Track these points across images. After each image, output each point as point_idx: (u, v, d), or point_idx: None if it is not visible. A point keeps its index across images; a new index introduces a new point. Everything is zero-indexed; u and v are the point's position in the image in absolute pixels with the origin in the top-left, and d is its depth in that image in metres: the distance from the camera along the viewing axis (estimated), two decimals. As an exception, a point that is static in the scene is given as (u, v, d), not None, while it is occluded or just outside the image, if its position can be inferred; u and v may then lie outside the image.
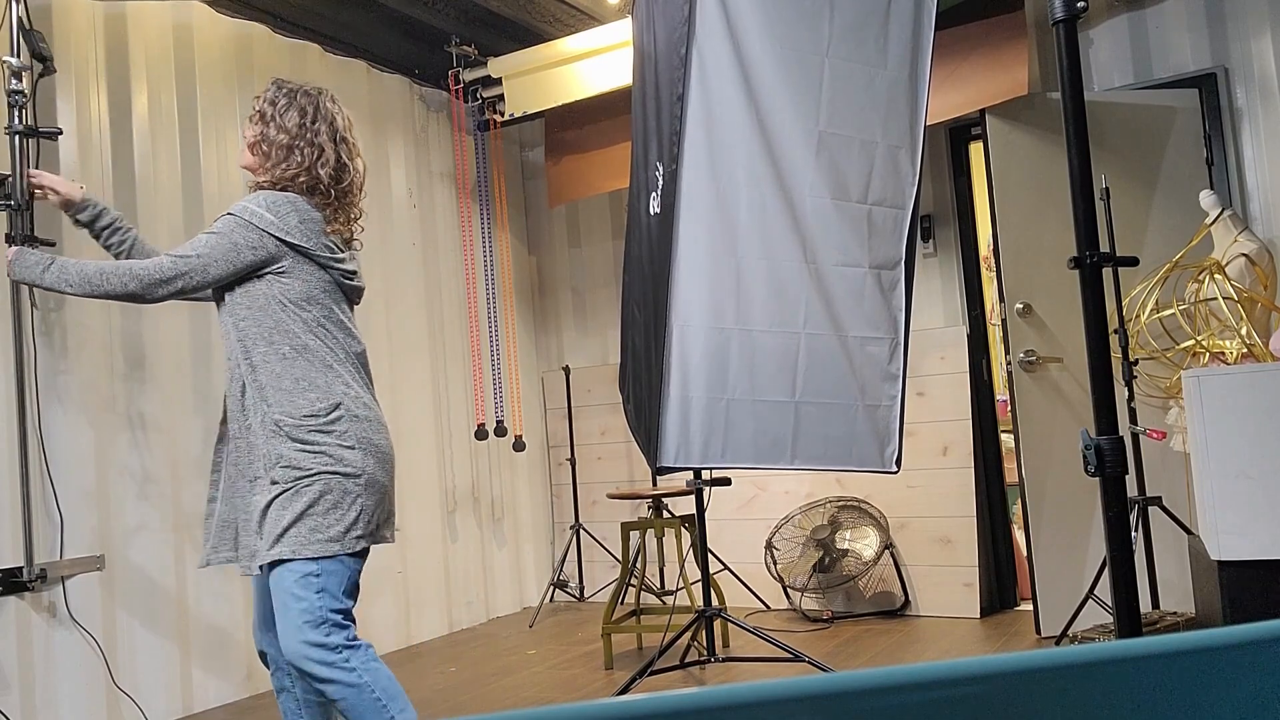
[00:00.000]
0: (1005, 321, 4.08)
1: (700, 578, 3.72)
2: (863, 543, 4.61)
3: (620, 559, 4.35)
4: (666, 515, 4.21)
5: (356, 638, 2.25)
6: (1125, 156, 4.08)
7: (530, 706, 0.59)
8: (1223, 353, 3.35)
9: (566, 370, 5.57)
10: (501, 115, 5.34)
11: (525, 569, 5.63)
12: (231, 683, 3.91)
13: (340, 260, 2.38)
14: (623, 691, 3.48)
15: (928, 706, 0.64)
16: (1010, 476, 4.72)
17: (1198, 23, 4.24)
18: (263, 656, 2.47)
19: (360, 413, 2.31)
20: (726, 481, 3.93)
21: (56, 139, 2.68)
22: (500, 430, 5.28)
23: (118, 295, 2.27)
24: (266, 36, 4.39)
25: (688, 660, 3.75)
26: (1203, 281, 3.46)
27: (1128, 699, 0.69)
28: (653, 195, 3.34)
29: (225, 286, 2.31)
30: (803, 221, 3.32)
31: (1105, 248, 1.88)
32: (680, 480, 3.79)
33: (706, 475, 3.66)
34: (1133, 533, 3.19)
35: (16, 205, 2.52)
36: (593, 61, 4.85)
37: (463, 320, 5.32)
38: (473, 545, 5.24)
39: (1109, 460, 1.66)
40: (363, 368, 2.41)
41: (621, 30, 4.53)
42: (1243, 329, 3.30)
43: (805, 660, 3.48)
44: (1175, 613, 3.59)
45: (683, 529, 4.14)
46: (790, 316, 3.32)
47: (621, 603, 4.16)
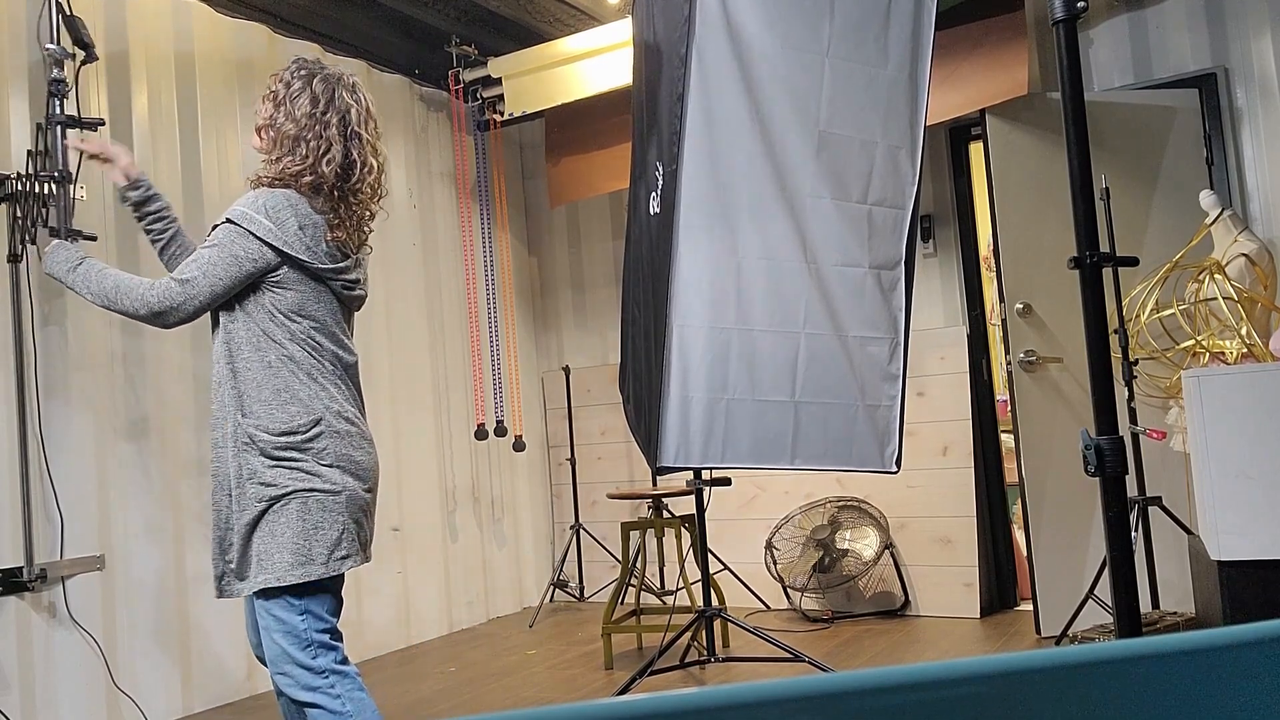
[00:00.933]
0: (1005, 321, 4.08)
1: (700, 578, 3.72)
2: (863, 543, 4.61)
3: (620, 559, 4.35)
4: (666, 515, 4.21)
5: (346, 660, 2.20)
6: (1125, 156, 4.08)
7: (530, 706, 0.59)
8: (1223, 353, 3.35)
9: (566, 370, 5.57)
10: (501, 115, 5.34)
11: (525, 569, 5.63)
12: (231, 683, 3.91)
13: (342, 270, 2.26)
14: (623, 691, 3.48)
15: (928, 706, 0.64)
16: (1010, 476, 4.72)
17: (1198, 23, 4.24)
18: (260, 658, 2.46)
19: (341, 428, 2.21)
20: (726, 481, 3.93)
21: (97, 130, 2.62)
22: (500, 430, 5.28)
23: (130, 316, 2.19)
24: (266, 36, 4.39)
25: (688, 660, 3.75)
26: (1203, 281, 3.46)
27: (1128, 699, 0.69)
28: (653, 195, 3.34)
29: None
30: (803, 221, 3.32)
31: (1105, 248, 1.88)
32: (680, 480, 3.79)
33: (706, 475, 3.66)
34: (1133, 533, 3.19)
35: (61, 176, 2.44)
36: (593, 61, 4.85)
37: (463, 320, 5.32)
38: (473, 545, 5.24)
39: (1109, 460, 1.66)
40: (352, 380, 2.31)
41: (621, 30, 4.53)
42: (1243, 329, 3.30)
43: (805, 660, 3.48)
44: (1175, 613, 3.59)
45: (683, 529, 4.14)
46: (790, 316, 3.32)
47: (621, 603, 4.16)
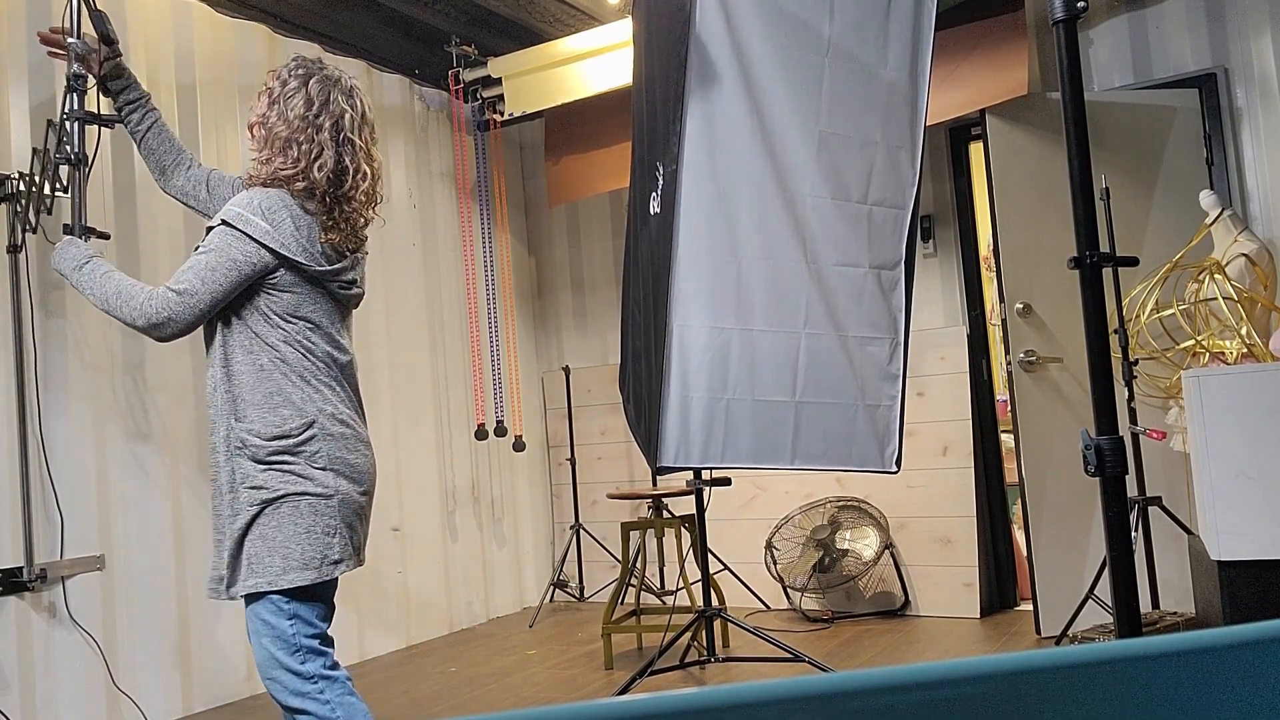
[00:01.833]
0: (1005, 321, 4.08)
1: (700, 578, 3.72)
2: (863, 543, 4.61)
3: (620, 559, 4.35)
4: (666, 515, 4.21)
5: (336, 665, 2.19)
6: (1125, 156, 4.08)
7: (530, 706, 0.59)
8: (1223, 353, 3.35)
9: (566, 370, 5.57)
10: (501, 115, 5.34)
11: (525, 569, 5.63)
12: (231, 683, 3.91)
13: (339, 271, 2.23)
14: (623, 691, 3.48)
15: (928, 706, 0.64)
16: (1010, 476, 4.72)
17: (1198, 23, 4.24)
18: None
19: (335, 430, 2.18)
20: (726, 481, 3.93)
21: (114, 127, 2.61)
22: (500, 430, 5.28)
23: (127, 324, 2.13)
24: (266, 36, 4.39)
25: (688, 660, 3.75)
26: (1203, 281, 3.46)
27: (1128, 699, 0.69)
28: (653, 195, 3.34)
29: None
30: (803, 221, 3.32)
31: (1105, 248, 1.88)
32: (680, 480, 3.79)
33: (706, 475, 3.66)
34: (1133, 533, 3.19)
35: (76, 160, 2.44)
36: (593, 61, 4.85)
37: (463, 320, 5.32)
38: (473, 545, 5.24)
39: (1109, 460, 1.66)
40: (349, 381, 2.28)
41: (621, 30, 4.53)
42: (1243, 329, 3.30)
43: (805, 660, 3.48)
44: (1175, 613, 3.59)
45: (683, 529, 4.14)
46: (790, 316, 3.32)
47: (621, 603, 4.16)
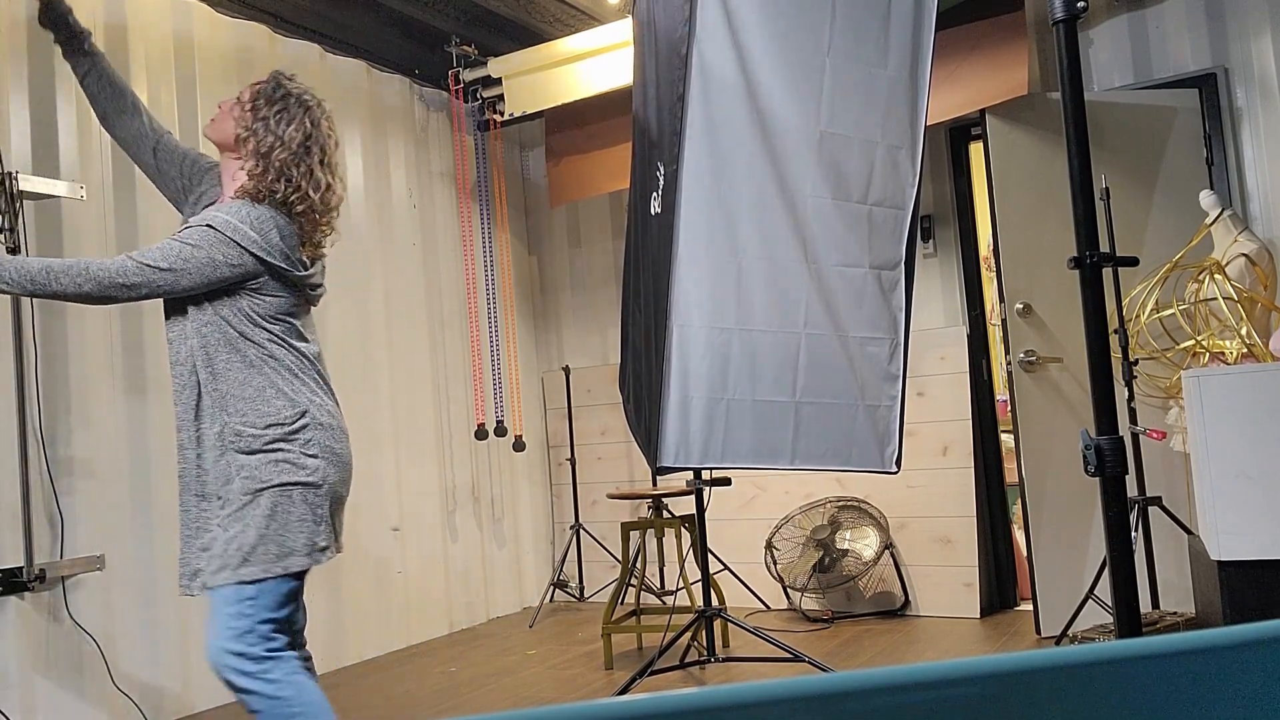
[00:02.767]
0: (1005, 321, 4.08)
1: (700, 578, 3.72)
2: (863, 543, 4.61)
3: (620, 559, 4.35)
4: (666, 515, 4.21)
5: (290, 647, 2.22)
6: (1125, 156, 4.08)
7: (530, 706, 0.59)
8: (1223, 353, 3.35)
9: (566, 370, 5.57)
10: (501, 115, 5.34)
11: (525, 569, 5.63)
12: (231, 683, 3.91)
13: (311, 275, 2.36)
14: (623, 691, 3.48)
15: (928, 706, 0.64)
16: (1010, 476, 4.72)
17: (1198, 23, 4.24)
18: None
19: (325, 420, 2.27)
20: (726, 481, 3.93)
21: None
22: (500, 430, 5.28)
23: (67, 296, 2.11)
24: (266, 36, 4.39)
25: (688, 660, 3.75)
26: (1203, 281, 3.46)
27: (1128, 699, 0.69)
28: (654, 195, 3.34)
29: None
30: (803, 221, 3.32)
31: (1105, 248, 1.88)
32: (680, 480, 3.79)
33: (706, 475, 3.66)
34: (1133, 533, 3.19)
35: None
36: (593, 61, 4.85)
37: (463, 320, 5.32)
38: (473, 545, 5.24)
39: (1109, 460, 1.66)
40: (322, 375, 2.36)
41: (621, 30, 4.53)
42: (1243, 329, 3.30)
43: (805, 660, 3.48)
44: (1175, 613, 3.59)
45: (683, 529, 4.14)
46: (791, 317, 3.32)
47: (621, 603, 4.16)
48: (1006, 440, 4.71)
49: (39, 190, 3.30)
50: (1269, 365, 2.87)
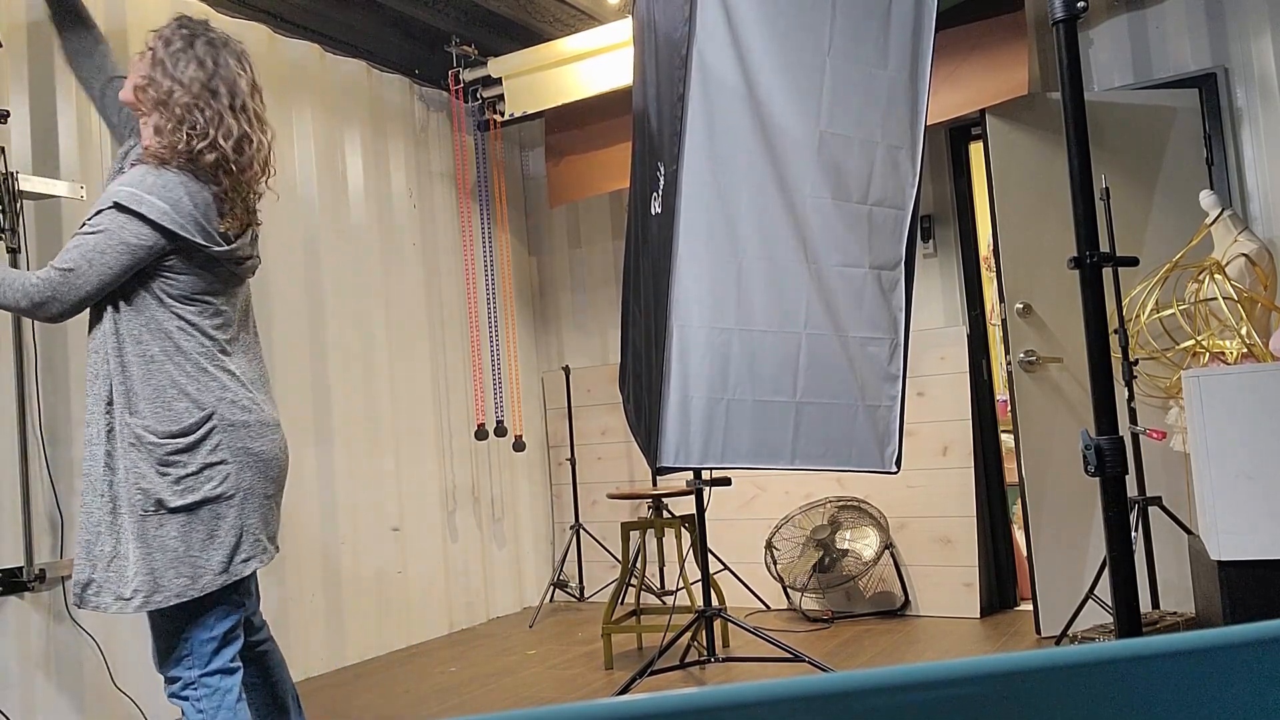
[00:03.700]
0: (1005, 321, 4.08)
1: (700, 578, 3.72)
2: (863, 543, 4.61)
3: (620, 559, 4.35)
4: (666, 515, 4.21)
5: (229, 671, 2.11)
6: (1125, 156, 4.08)
7: (530, 706, 0.59)
8: (1223, 353, 3.35)
9: (566, 370, 5.57)
10: (501, 115, 5.34)
11: (525, 569, 5.63)
12: (231, 683, 3.91)
13: (236, 249, 2.12)
14: (623, 691, 3.48)
15: (928, 706, 0.64)
16: (1010, 476, 4.72)
17: (1198, 23, 4.24)
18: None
19: (236, 418, 2.08)
20: (726, 481, 3.93)
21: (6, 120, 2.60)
22: (500, 430, 5.28)
23: (11, 309, 2.01)
24: (266, 36, 4.39)
25: (688, 660, 3.75)
26: (1203, 281, 3.46)
27: (1128, 699, 0.69)
28: (654, 195, 3.34)
29: None
30: (803, 221, 3.32)
31: (1105, 248, 1.88)
32: (680, 480, 3.79)
33: (706, 475, 3.66)
34: (1133, 533, 3.19)
35: None
36: (593, 61, 4.85)
37: (463, 320, 5.32)
38: (473, 545, 5.24)
39: (1109, 460, 1.66)
40: (248, 358, 2.17)
41: (621, 30, 4.53)
42: (1243, 329, 3.30)
43: (805, 660, 3.48)
44: (1175, 613, 3.59)
45: (683, 529, 4.14)
46: (791, 317, 3.32)
47: (621, 603, 4.16)
48: (1006, 440, 4.71)
49: (39, 190, 3.30)
50: (1269, 365, 2.87)
